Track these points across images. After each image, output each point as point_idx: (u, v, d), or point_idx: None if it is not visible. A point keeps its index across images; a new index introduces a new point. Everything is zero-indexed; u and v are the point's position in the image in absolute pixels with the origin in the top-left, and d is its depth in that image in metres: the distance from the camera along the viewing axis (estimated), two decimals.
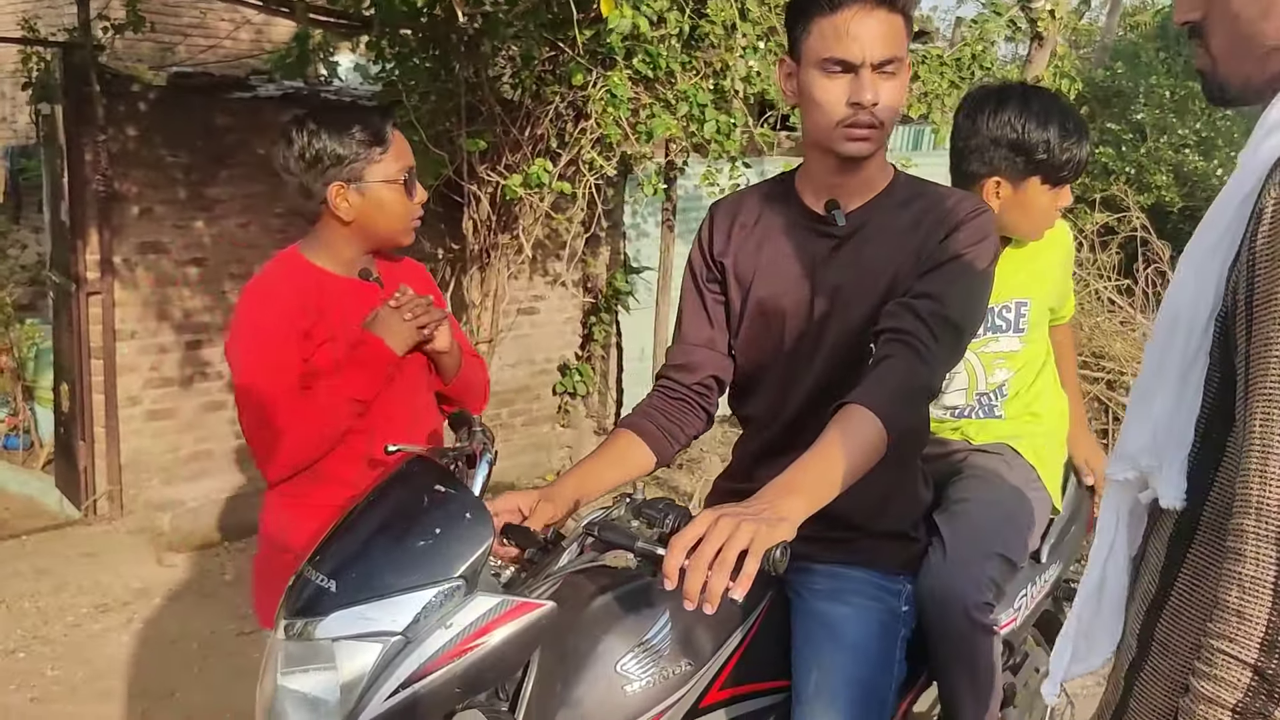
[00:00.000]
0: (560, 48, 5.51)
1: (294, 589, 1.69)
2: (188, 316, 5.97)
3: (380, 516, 1.73)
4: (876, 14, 1.89)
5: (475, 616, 1.61)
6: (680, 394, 2.18)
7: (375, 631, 1.60)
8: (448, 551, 1.65)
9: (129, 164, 5.65)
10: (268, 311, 2.32)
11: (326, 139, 2.32)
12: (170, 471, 6.01)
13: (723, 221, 2.20)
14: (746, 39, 5.74)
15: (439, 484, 1.73)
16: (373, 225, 2.38)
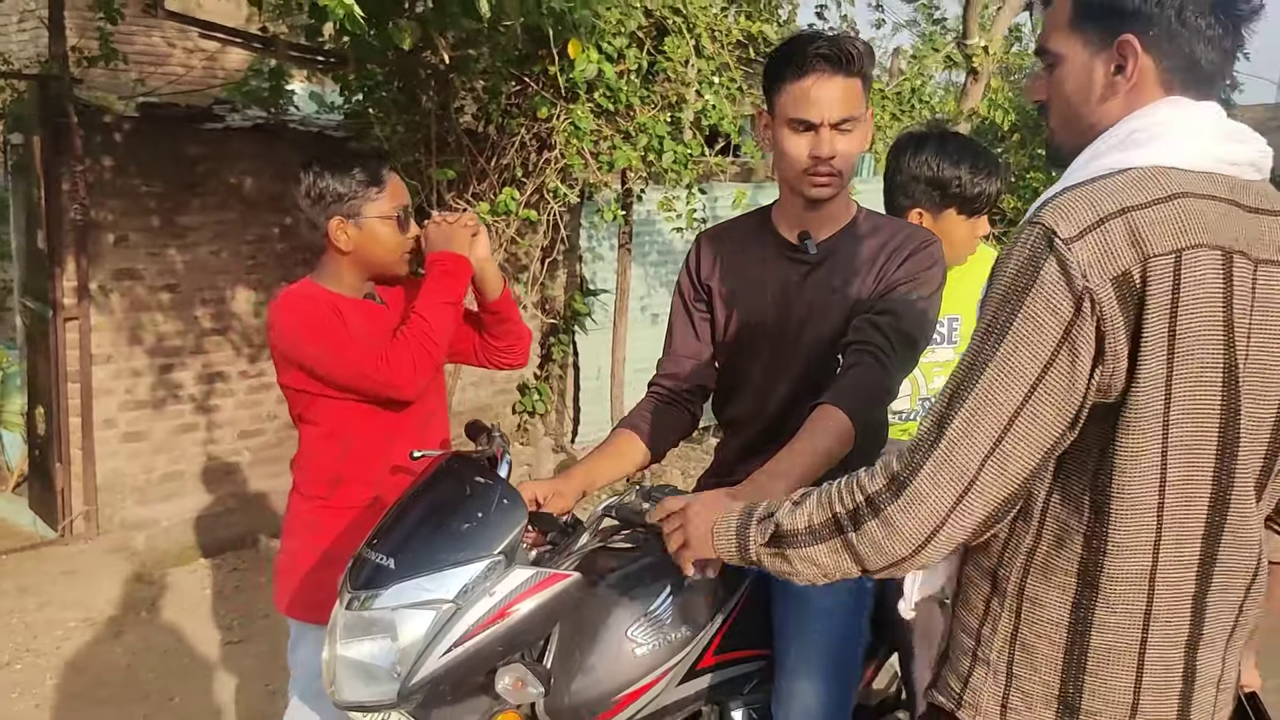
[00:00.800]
0: (525, 82, 5.80)
1: (355, 568, 1.95)
2: (160, 341, 6.15)
3: (430, 504, 2.01)
4: (835, 80, 2.25)
5: (514, 586, 1.89)
6: (671, 398, 2.49)
7: (430, 600, 1.87)
8: (489, 532, 1.93)
9: (105, 193, 5.84)
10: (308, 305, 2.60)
11: (329, 178, 2.63)
12: (144, 492, 6.17)
13: (709, 250, 2.53)
14: (701, 74, 6.07)
15: (478, 476, 2.01)
16: (369, 256, 2.66)
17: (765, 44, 6.29)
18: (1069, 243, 1.39)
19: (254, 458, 6.60)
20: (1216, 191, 1.44)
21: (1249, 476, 1.47)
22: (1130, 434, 1.42)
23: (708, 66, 6.07)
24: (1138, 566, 1.45)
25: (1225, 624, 1.51)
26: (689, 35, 6.00)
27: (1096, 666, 1.49)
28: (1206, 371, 1.40)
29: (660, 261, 8.70)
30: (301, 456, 2.74)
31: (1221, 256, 1.40)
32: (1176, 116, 1.48)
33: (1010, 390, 1.40)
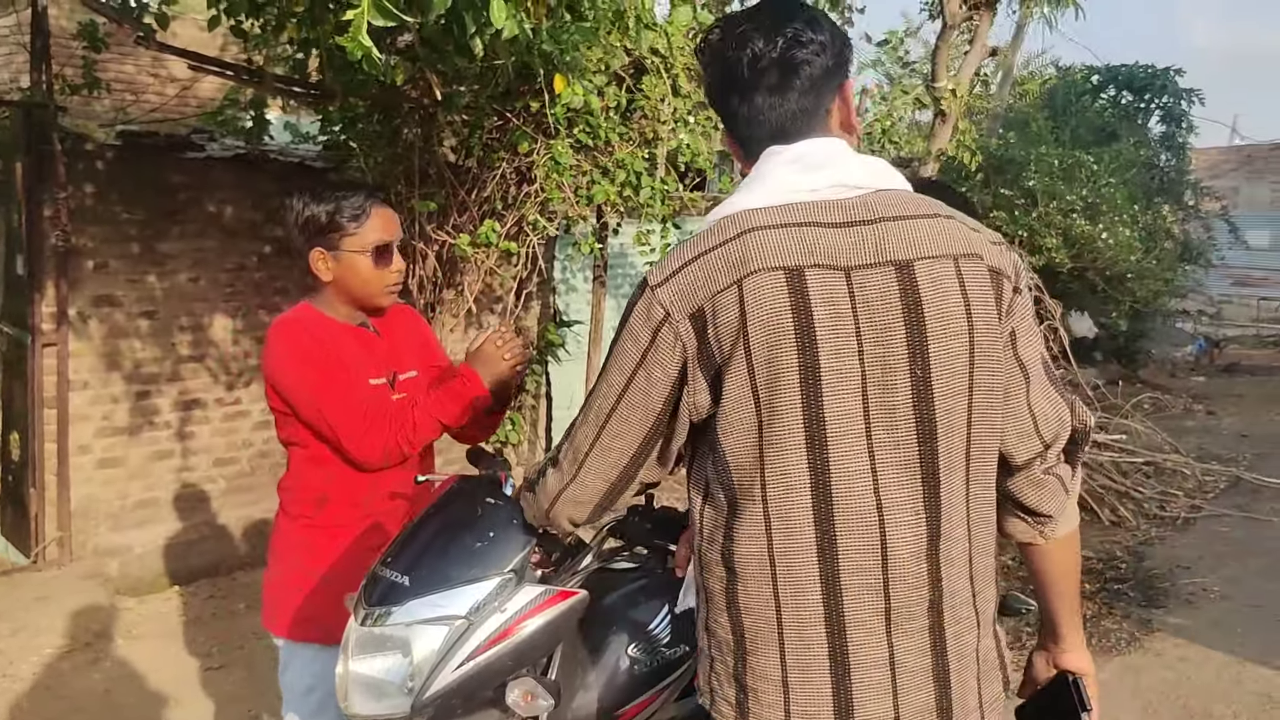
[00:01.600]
0: (507, 117, 5.90)
1: (369, 585, 2.02)
2: (138, 367, 6.18)
3: (442, 524, 2.08)
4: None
5: (524, 603, 1.97)
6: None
7: (443, 616, 1.95)
8: (500, 550, 2.01)
9: (86, 220, 5.88)
10: (302, 335, 2.65)
11: (312, 208, 2.67)
12: (118, 518, 6.18)
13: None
14: (677, 113, 6.20)
15: (489, 497, 2.09)
16: (347, 288, 2.71)
17: None
18: (654, 289, 1.67)
19: (228, 485, 6.62)
20: (790, 219, 1.64)
21: (856, 465, 1.60)
22: (731, 436, 1.63)
23: (684, 105, 6.20)
24: (757, 549, 1.64)
25: (872, 606, 1.62)
26: (666, 75, 6.13)
27: (753, 646, 1.67)
28: (782, 375, 1.58)
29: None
30: (288, 477, 2.80)
31: (785, 274, 1.59)
32: (763, 164, 1.71)
33: (606, 398, 1.74)
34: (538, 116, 5.90)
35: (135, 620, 5.39)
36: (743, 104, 1.72)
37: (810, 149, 1.70)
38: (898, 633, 1.63)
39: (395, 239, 2.73)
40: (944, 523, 1.63)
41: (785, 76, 1.69)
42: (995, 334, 1.65)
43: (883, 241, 1.62)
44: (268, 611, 2.80)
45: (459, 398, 2.67)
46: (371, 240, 2.66)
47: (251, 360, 6.62)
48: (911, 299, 1.60)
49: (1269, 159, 25.22)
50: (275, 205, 6.64)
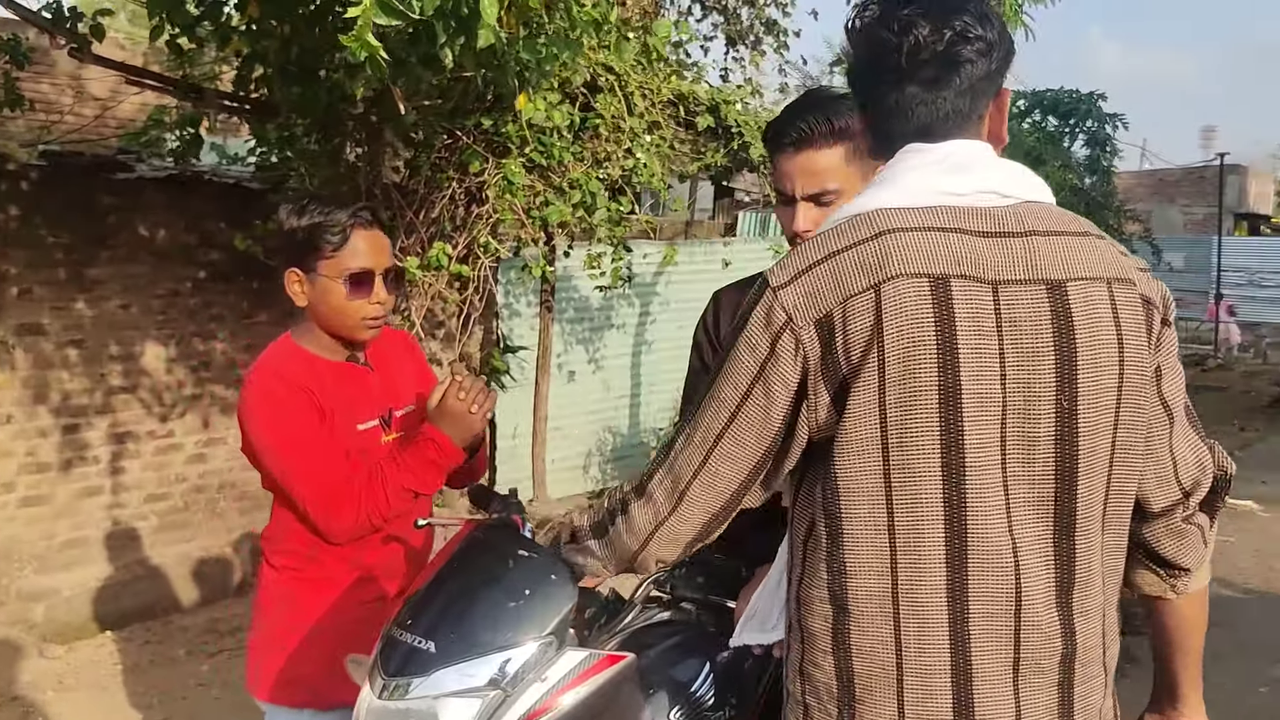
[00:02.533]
0: (457, 135, 5.70)
1: (386, 651, 1.79)
2: (66, 399, 5.83)
3: (468, 580, 1.85)
4: (805, 154, 2.19)
5: (567, 670, 1.76)
6: None
7: (477, 687, 1.72)
8: (538, 610, 1.79)
9: (8, 244, 5.54)
10: (274, 386, 2.39)
11: (295, 222, 2.40)
12: (44, 560, 5.80)
13: (726, 307, 2.45)
14: (633, 132, 6.04)
15: (521, 549, 1.87)
16: (321, 315, 2.44)
17: (695, 103, 6.31)
18: (777, 290, 1.52)
19: (161, 522, 6.28)
20: (935, 222, 1.49)
21: (992, 499, 1.45)
22: (850, 457, 1.47)
23: (639, 124, 6.05)
24: (877, 585, 1.48)
25: (1001, 656, 1.48)
26: (620, 93, 5.97)
27: (863, 693, 1.50)
28: (919, 394, 1.44)
29: (577, 319, 8.63)
30: (272, 526, 2.54)
31: (929, 283, 1.45)
32: (900, 161, 1.56)
33: (717, 416, 1.57)
34: (488, 135, 5.71)
35: (65, 670, 5.06)
36: (892, 93, 1.55)
37: (956, 149, 1.54)
38: (1026, 686, 1.47)
39: (379, 267, 2.44)
40: (1079, 569, 1.48)
41: (945, 72, 1.52)
42: (1143, 368, 1.51)
43: (1034, 257, 1.47)
44: (251, 672, 2.54)
45: (430, 465, 2.39)
46: (350, 265, 2.38)
47: (185, 390, 6.30)
48: (1063, 322, 1.45)
49: (1180, 183, 25.83)
50: (209, 228, 6.35)
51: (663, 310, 9.17)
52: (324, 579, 2.46)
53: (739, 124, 6.26)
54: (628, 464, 8.84)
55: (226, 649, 5.30)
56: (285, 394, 2.36)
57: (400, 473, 2.38)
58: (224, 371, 6.48)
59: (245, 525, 6.60)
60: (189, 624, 5.72)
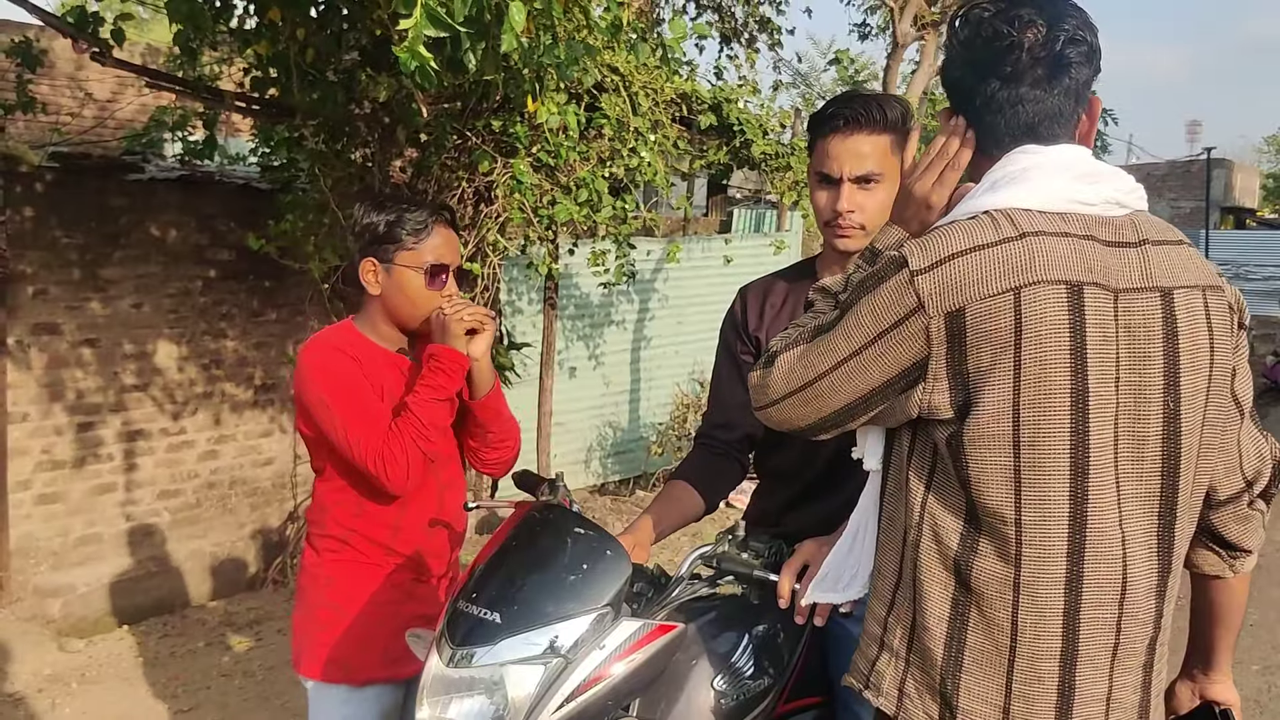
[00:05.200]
0: (467, 136, 5.79)
1: (453, 623, 1.90)
2: (80, 398, 5.91)
3: (529, 556, 1.97)
4: (854, 137, 2.33)
5: (624, 638, 1.88)
6: (721, 449, 2.51)
7: (540, 654, 1.84)
8: (595, 583, 1.91)
9: (24, 244, 5.62)
10: (336, 354, 2.53)
11: (373, 216, 2.57)
12: (60, 556, 5.89)
13: (754, 301, 2.57)
14: (637, 131, 6.14)
15: (578, 527, 1.99)
16: (393, 305, 2.59)
17: (699, 102, 6.41)
18: (915, 274, 1.57)
19: (174, 519, 6.37)
20: (1070, 229, 1.57)
21: (1107, 495, 1.56)
22: (980, 450, 1.55)
23: (643, 123, 6.15)
24: (1000, 571, 1.56)
25: (1104, 641, 1.58)
26: (625, 93, 6.07)
27: (972, 665, 1.59)
28: (1054, 398, 1.52)
29: (578, 315, 8.73)
30: (315, 509, 2.67)
31: (1067, 290, 1.52)
32: (1032, 162, 1.61)
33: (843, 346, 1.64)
34: (497, 136, 5.81)
35: (87, 663, 5.14)
36: (1004, 89, 1.62)
37: (1076, 158, 1.63)
38: (1119, 669, 1.59)
39: (453, 264, 2.62)
40: (1174, 559, 1.61)
41: (1054, 73, 1.61)
42: (1226, 369, 1.64)
43: (1149, 266, 1.58)
44: (296, 651, 2.65)
45: (437, 371, 2.51)
46: (428, 258, 2.56)
47: (197, 388, 6.39)
48: (1170, 328, 1.56)
49: (1167, 178, 26.03)
50: (219, 228, 6.44)
51: (661, 306, 9.28)
52: (360, 561, 2.60)
53: (741, 122, 6.37)
54: (628, 458, 8.95)
55: (246, 640, 5.40)
56: (341, 361, 2.52)
57: (416, 394, 2.51)
58: (235, 369, 6.57)
59: (257, 521, 6.69)
60: (205, 617, 5.81)
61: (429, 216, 2.60)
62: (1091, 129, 1.70)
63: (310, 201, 5.85)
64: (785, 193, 6.64)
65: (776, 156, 6.48)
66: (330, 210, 5.75)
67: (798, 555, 1.92)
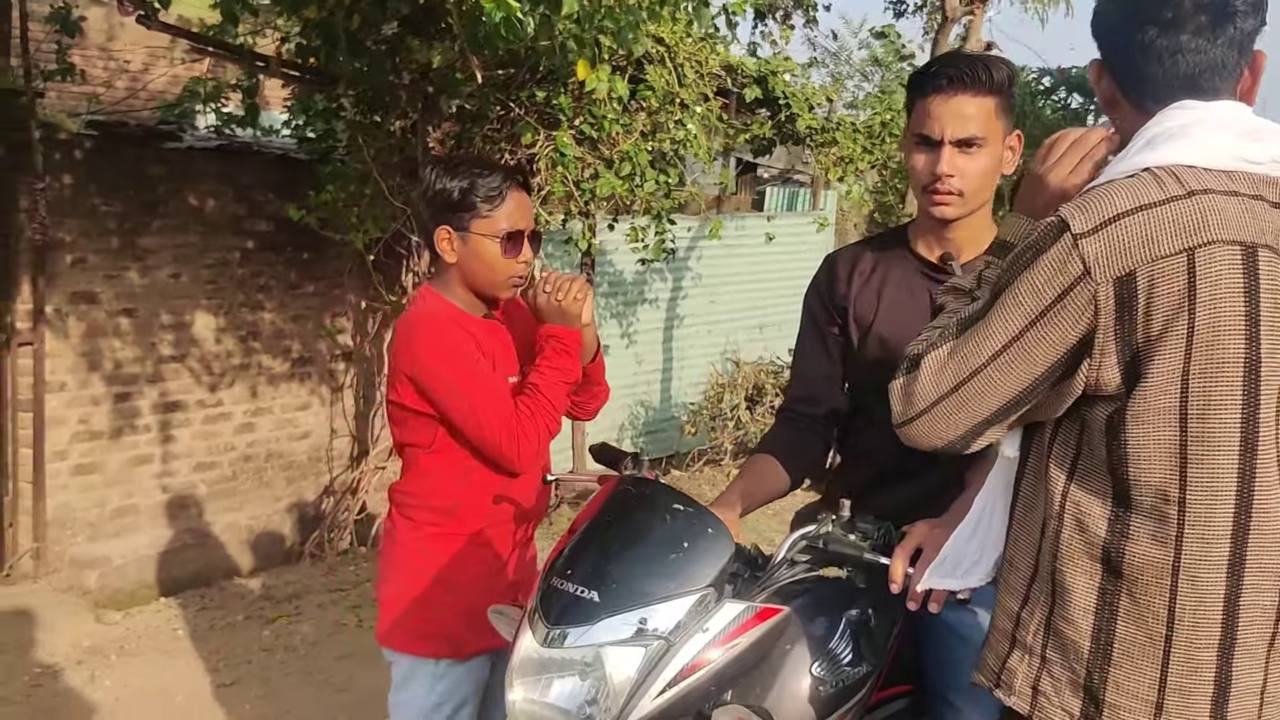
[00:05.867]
0: (510, 107, 5.71)
1: (548, 600, 1.82)
2: (118, 368, 5.86)
3: (626, 531, 1.89)
4: (958, 98, 2.22)
5: (728, 621, 1.79)
6: (805, 424, 2.43)
7: (639, 636, 1.76)
8: (697, 563, 1.83)
9: (63, 212, 5.56)
10: (448, 326, 2.47)
11: (446, 182, 2.49)
12: (96, 528, 5.85)
13: (842, 270, 2.48)
14: (683, 103, 6.05)
15: (676, 503, 1.90)
16: (471, 272, 2.52)
17: (744, 75, 6.31)
18: (1079, 237, 1.46)
19: (210, 491, 6.32)
20: (1239, 188, 1.47)
21: (1272, 474, 1.46)
22: (1144, 425, 1.45)
23: (689, 95, 6.05)
24: (1158, 555, 1.47)
25: (1262, 630, 1.50)
26: (670, 64, 5.97)
27: (1121, 658, 1.50)
28: (1227, 366, 1.43)
29: (610, 293, 8.64)
30: (411, 481, 2.60)
31: (1242, 251, 1.43)
32: (1192, 118, 1.52)
33: (1000, 332, 1.53)
34: (540, 108, 5.72)
35: (125, 635, 5.10)
36: (1163, 37, 1.52)
37: (1239, 115, 1.53)
38: (1275, 660, 1.50)
39: (528, 228, 2.54)
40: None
41: (1219, 21, 1.51)
42: None
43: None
44: (385, 626, 2.58)
45: (561, 354, 2.51)
46: (504, 225, 2.48)
47: (234, 360, 6.33)
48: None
49: None
50: (257, 199, 6.37)
51: (694, 285, 9.18)
52: (461, 533, 2.54)
53: (786, 96, 6.26)
54: (659, 438, 8.87)
55: (285, 614, 5.35)
56: (458, 334, 2.47)
57: (543, 375, 2.50)
58: (272, 342, 6.51)
59: (292, 495, 6.64)
60: (243, 590, 5.77)
61: (503, 181, 2.52)
62: (1254, 86, 1.59)
63: (352, 172, 5.78)
64: (830, 168, 6.53)
65: (822, 131, 6.37)
66: (372, 181, 5.68)
67: (910, 538, 1.82)
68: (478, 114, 5.69)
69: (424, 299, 2.57)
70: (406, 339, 2.50)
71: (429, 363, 2.44)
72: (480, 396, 2.42)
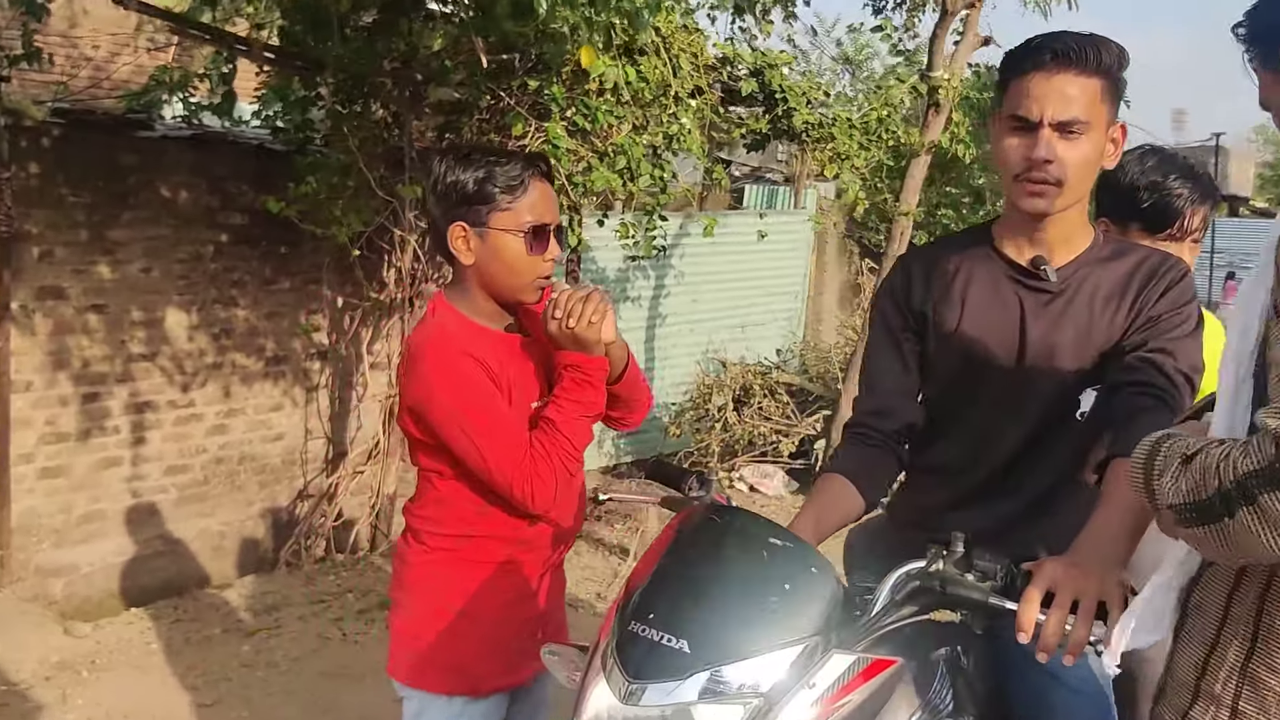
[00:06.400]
0: (500, 96, 5.47)
1: (627, 648, 1.60)
2: (86, 366, 5.57)
3: (717, 571, 1.65)
4: (1061, 76, 2.00)
5: (837, 674, 1.57)
6: (877, 440, 2.23)
7: (737, 693, 1.54)
8: (801, 606, 1.61)
9: (29, 203, 5.27)
10: (459, 357, 2.21)
11: (460, 174, 2.23)
12: (62, 534, 5.56)
13: (920, 271, 2.27)
14: (677, 96, 5.84)
15: (773, 536, 1.69)
16: (490, 274, 2.26)
17: (739, 67, 6.12)
18: None
19: (180, 495, 6.04)
20: None
21: None
22: None
23: (684, 87, 5.85)
24: None
25: None
26: (665, 54, 5.77)
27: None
28: None
29: None
30: (427, 504, 2.35)
31: None
32: None
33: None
34: (532, 98, 5.50)
35: (95, 649, 4.83)
36: None
37: None
38: None
39: (554, 222, 2.29)
40: None
41: None
42: None
43: None
44: (397, 658, 2.35)
45: (582, 385, 2.23)
46: (527, 218, 2.22)
47: (206, 359, 6.05)
48: None
49: (1192, 156, 25.86)
50: (231, 191, 6.10)
51: (677, 283, 8.98)
52: (481, 560, 2.30)
53: (784, 89, 6.08)
54: (642, 439, 8.65)
55: (264, 628, 5.09)
56: (469, 367, 2.20)
57: (561, 409, 2.23)
58: (245, 339, 6.24)
59: (266, 500, 6.38)
60: (218, 601, 5.50)
61: (524, 170, 2.25)
62: None
63: (334, 163, 5.52)
64: (826, 165, 6.36)
65: (819, 126, 6.19)
66: (356, 172, 5.43)
67: (1039, 578, 1.61)
68: (467, 104, 5.44)
69: (436, 314, 2.30)
70: (412, 365, 2.26)
71: (437, 397, 2.20)
72: (489, 439, 2.17)
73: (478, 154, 2.26)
